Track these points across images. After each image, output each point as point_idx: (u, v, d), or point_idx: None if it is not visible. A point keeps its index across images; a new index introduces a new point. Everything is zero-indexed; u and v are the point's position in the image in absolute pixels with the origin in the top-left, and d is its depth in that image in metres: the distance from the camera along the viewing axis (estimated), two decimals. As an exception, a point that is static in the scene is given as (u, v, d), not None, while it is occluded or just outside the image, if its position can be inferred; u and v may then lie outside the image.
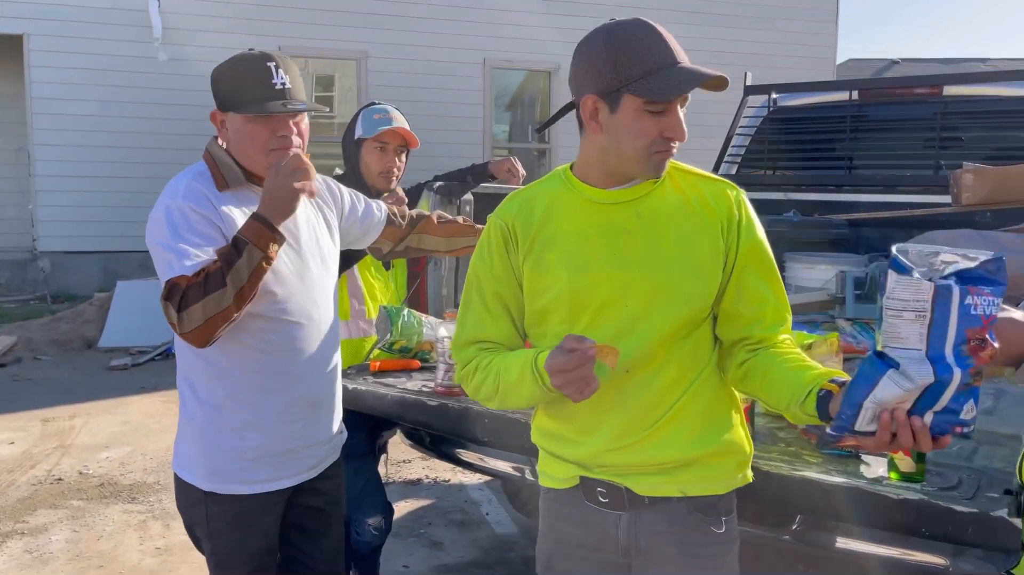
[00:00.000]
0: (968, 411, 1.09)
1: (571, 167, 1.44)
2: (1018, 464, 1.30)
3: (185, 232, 1.56)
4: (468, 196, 2.81)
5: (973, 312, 1.04)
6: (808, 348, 1.87)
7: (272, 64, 1.64)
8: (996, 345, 1.06)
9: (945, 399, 1.07)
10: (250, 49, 1.71)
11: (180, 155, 8.39)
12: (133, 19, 8.50)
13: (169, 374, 6.38)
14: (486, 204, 2.62)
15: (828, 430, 1.17)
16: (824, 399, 1.23)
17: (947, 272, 1.05)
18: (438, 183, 2.84)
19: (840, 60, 13.42)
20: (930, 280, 1.03)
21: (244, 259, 1.51)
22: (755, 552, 2.47)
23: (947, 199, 3.79)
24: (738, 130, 4.56)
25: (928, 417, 1.09)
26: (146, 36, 8.50)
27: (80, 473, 4.24)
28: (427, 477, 4.22)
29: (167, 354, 6.83)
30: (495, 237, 1.44)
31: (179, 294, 1.50)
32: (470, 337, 1.47)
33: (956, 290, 1.03)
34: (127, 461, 4.43)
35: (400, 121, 2.52)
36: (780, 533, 1.99)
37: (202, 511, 1.70)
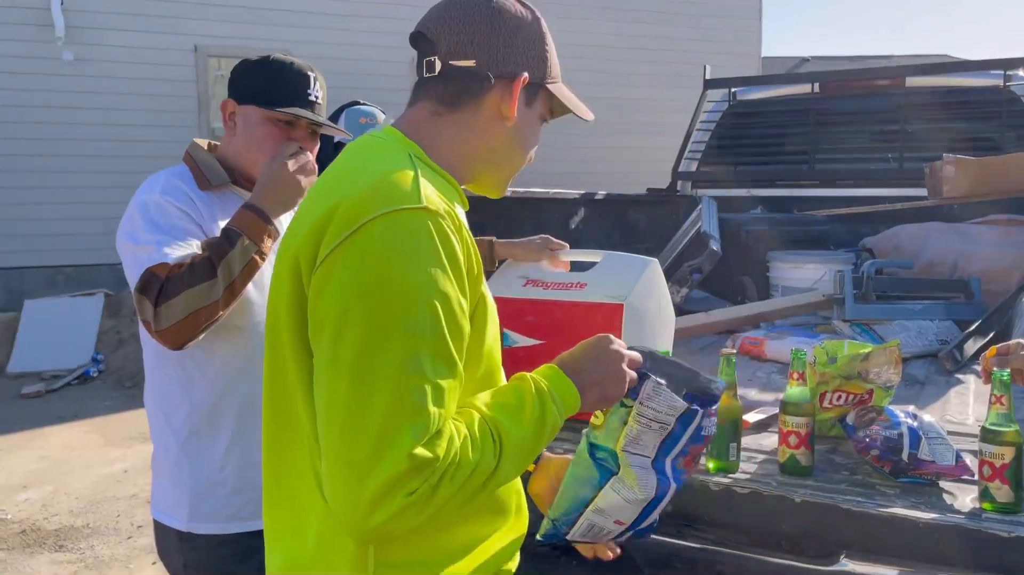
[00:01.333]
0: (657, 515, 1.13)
1: (419, 147, 1.02)
2: None
3: (164, 225, 1.44)
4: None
5: (701, 434, 1.10)
6: (865, 359, 1.69)
7: (312, 75, 1.58)
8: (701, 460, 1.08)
9: (656, 510, 1.11)
10: (274, 53, 1.63)
11: (90, 162, 7.88)
12: (33, 17, 7.84)
13: (89, 399, 5.93)
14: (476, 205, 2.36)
15: (537, 536, 1.12)
16: None
17: (685, 390, 1.08)
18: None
19: (761, 57, 13.61)
20: (681, 402, 1.07)
21: (237, 250, 1.37)
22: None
23: (915, 191, 3.75)
24: (698, 126, 4.43)
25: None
26: (47, 36, 7.86)
27: (-3, 519, 3.77)
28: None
29: (84, 377, 6.29)
30: (450, 240, 0.91)
31: (157, 284, 1.34)
32: (447, 412, 0.88)
33: (698, 417, 1.08)
34: (50, 503, 3.97)
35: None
36: (824, 566, 1.81)
37: (179, 559, 1.53)
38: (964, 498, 1.44)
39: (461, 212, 0.99)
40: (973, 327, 2.66)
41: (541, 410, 0.95)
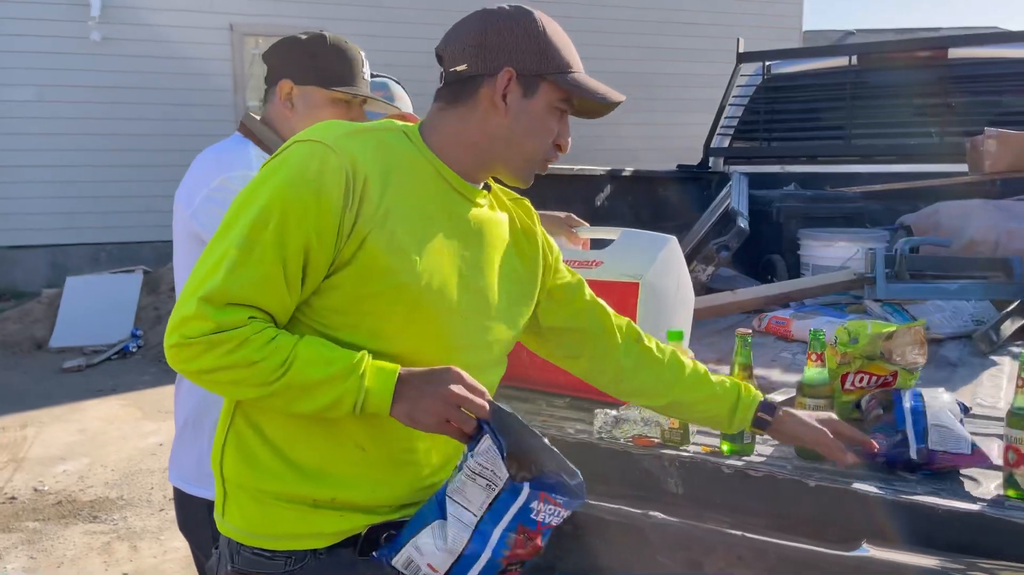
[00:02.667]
0: None
1: (419, 132, 1.18)
2: None
3: None
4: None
5: (532, 517, 1.07)
6: (889, 339, 1.63)
7: (362, 55, 1.67)
8: (540, 546, 1.08)
9: (472, 573, 1.07)
10: (323, 31, 1.68)
11: (126, 140, 8.00)
12: (71, -2, 7.94)
13: (127, 374, 6.05)
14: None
15: (373, 552, 1.14)
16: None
17: (539, 470, 1.06)
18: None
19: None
20: (508, 472, 1.04)
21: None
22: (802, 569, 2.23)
23: (955, 167, 3.62)
24: (731, 100, 4.32)
25: None
26: (83, 15, 7.96)
27: (35, 490, 3.88)
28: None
29: (124, 352, 6.43)
30: (332, 179, 1.05)
31: None
32: (244, 298, 1.03)
33: (525, 493, 1.05)
34: (86, 474, 4.08)
35: (404, 102, 2.22)
36: (846, 551, 1.77)
37: (208, 531, 1.47)
38: (988, 485, 1.38)
39: (429, 190, 1.13)
40: (1011, 307, 2.56)
41: (341, 380, 1.04)
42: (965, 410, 1.60)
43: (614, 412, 1.61)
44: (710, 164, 4.31)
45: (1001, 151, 3.06)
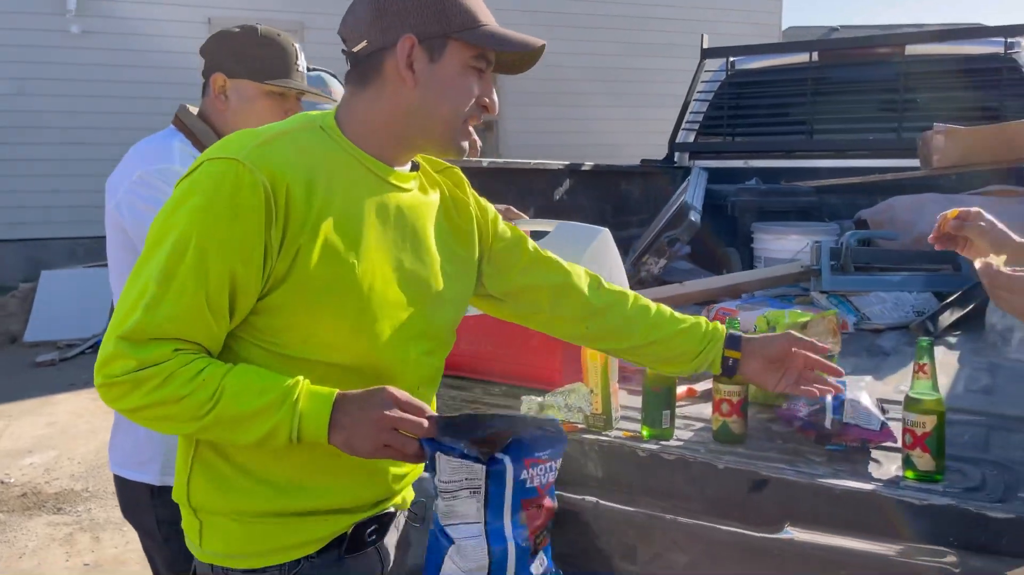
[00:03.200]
0: (539, 567, 1.09)
1: (335, 123, 1.12)
2: None
3: None
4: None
5: (529, 485, 1.04)
6: (803, 328, 1.68)
7: (298, 47, 1.68)
8: (551, 504, 1.08)
9: (511, 570, 1.06)
10: (256, 24, 1.68)
11: (103, 134, 7.97)
12: (48, -10, 7.91)
13: (99, 369, 6.05)
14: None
15: None
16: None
17: (509, 439, 1.03)
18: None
19: (782, 27, 13.36)
20: (479, 462, 1.01)
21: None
22: (752, 555, 2.29)
23: (913, 163, 3.68)
24: (695, 96, 4.37)
25: None
26: (59, 8, 7.93)
27: (1, 482, 3.89)
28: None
29: (98, 347, 6.43)
30: (248, 198, 0.99)
31: None
32: (167, 332, 1.00)
33: (509, 468, 1.02)
34: (52, 467, 4.09)
35: (338, 93, 2.25)
36: (771, 534, 1.82)
37: (150, 515, 1.55)
38: (889, 466, 1.44)
39: (355, 185, 1.08)
40: (951, 299, 2.62)
41: (274, 410, 0.99)
42: (883, 409, 1.66)
43: (539, 399, 1.65)
44: (675, 159, 4.36)
45: (949, 146, 3.12)
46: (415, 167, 1.19)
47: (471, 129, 1.13)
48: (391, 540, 1.21)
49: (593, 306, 1.33)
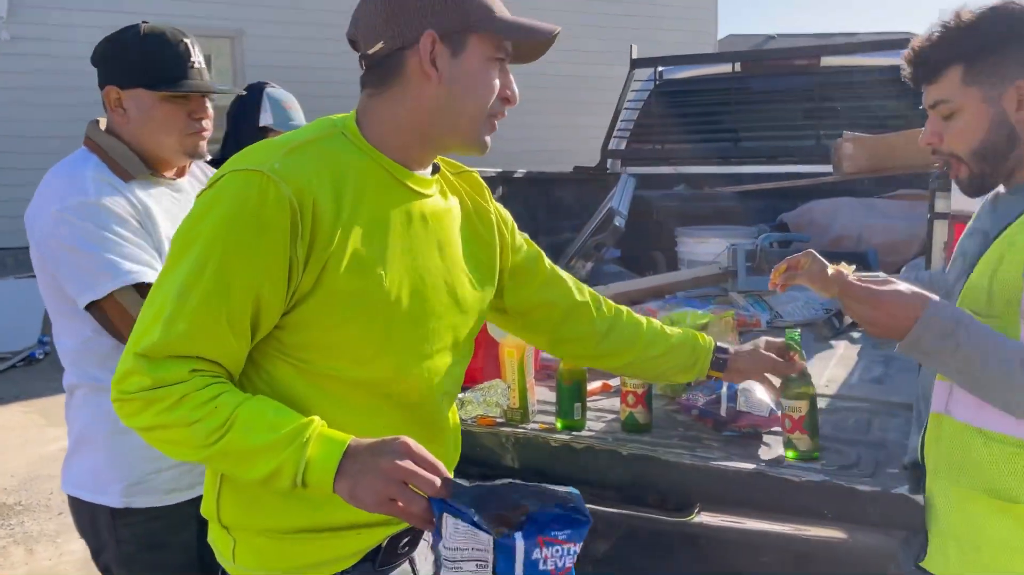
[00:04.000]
0: None
1: (356, 125, 1.08)
2: (920, 442, 1.26)
3: (121, 231, 1.42)
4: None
5: (541, 568, 0.90)
6: (704, 327, 1.80)
7: (188, 40, 1.53)
8: None
9: None
10: (143, 22, 1.54)
11: (35, 143, 7.80)
12: (-25, -5, 7.74)
13: (33, 381, 5.93)
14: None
15: None
16: None
17: (525, 513, 0.91)
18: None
19: (720, 36, 13.74)
20: (488, 534, 0.89)
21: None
22: (657, 539, 2.43)
23: (829, 168, 3.87)
24: (626, 104, 4.51)
25: None
26: (-9, 15, 7.76)
27: (-71, 498, 3.82)
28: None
29: (30, 359, 6.30)
30: (274, 212, 0.96)
31: None
32: (185, 350, 0.97)
33: (520, 545, 0.89)
34: (-14, 481, 4.03)
35: (293, 106, 2.32)
36: (683, 518, 1.94)
37: (111, 536, 1.52)
38: (777, 449, 1.56)
39: (379, 192, 1.04)
40: (856, 297, 2.79)
41: (281, 448, 0.93)
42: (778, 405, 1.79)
43: (460, 395, 1.74)
44: (608, 165, 4.49)
45: (857, 153, 3.31)
46: (435, 170, 1.14)
47: (491, 119, 1.10)
48: (422, 551, 1.17)
49: (597, 329, 1.32)
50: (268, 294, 0.97)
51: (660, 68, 4.48)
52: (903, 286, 1.16)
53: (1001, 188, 1.25)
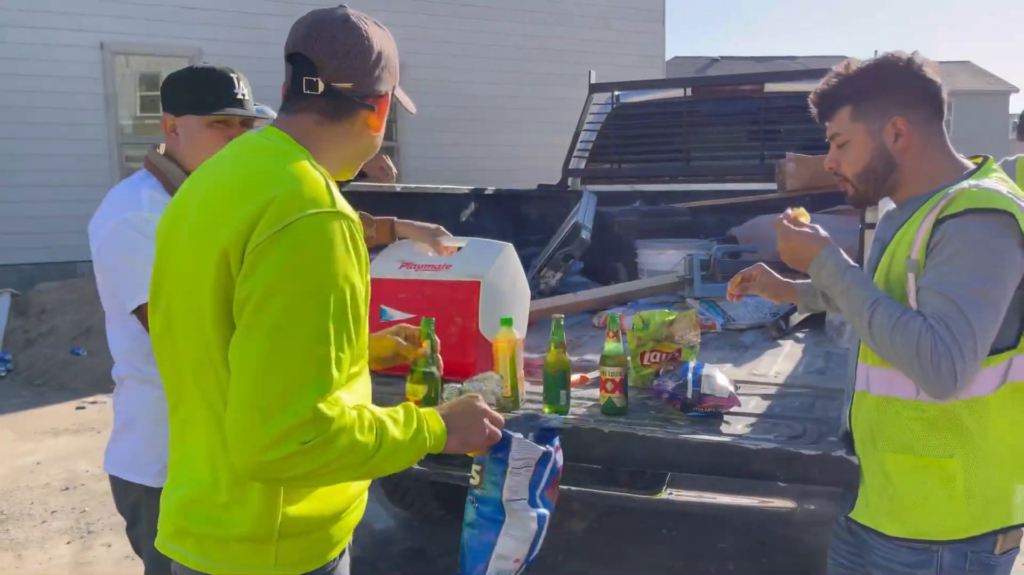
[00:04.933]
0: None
1: (309, 155, 1.18)
2: (848, 414, 1.53)
3: None
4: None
5: (556, 467, 1.41)
6: (670, 325, 2.06)
7: (234, 76, 1.79)
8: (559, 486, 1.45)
9: (540, 540, 1.38)
10: (194, 63, 1.77)
11: (-2, 160, 7.78)
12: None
13: (8, 397, 5.92)
14: (357, 203, 2.64)
15: None
16: None
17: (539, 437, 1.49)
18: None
19: (667, 57, 14.23)
20: (540, 448, 1.38)
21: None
22: (639, 514, 2.66)
23: (773, 186, 4.20)
24: (585, 126, 4.79)
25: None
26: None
27: (-94, 511, 3.86)
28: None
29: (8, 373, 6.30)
30: (356, 239, 1.12)
31: None
32: (337, 386, 1.08)
33: (553, 453, 1.41)
34: (-37, 493, 4.08)
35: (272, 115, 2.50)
36: (652, 494, 2.18)
37: (145, 512, 1.71)
38: (736, 425, 1.82)
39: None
40: (800, 301, 3.09)
41: (417, 428, 1.17)
42: (734, 386, 2.06)
43: (458, 386, 1.96)
44: (568, 184, 4.77)
45: (799, 171, 3.63)
46: None
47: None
48: None
49: None
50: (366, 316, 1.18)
51: (617, 92, 4.78)
52: (819, 232, 1.52)
53: (891, 204, 1.53)
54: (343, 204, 1.12)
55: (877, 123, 1.43)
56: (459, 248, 2.32)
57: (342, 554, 1.26)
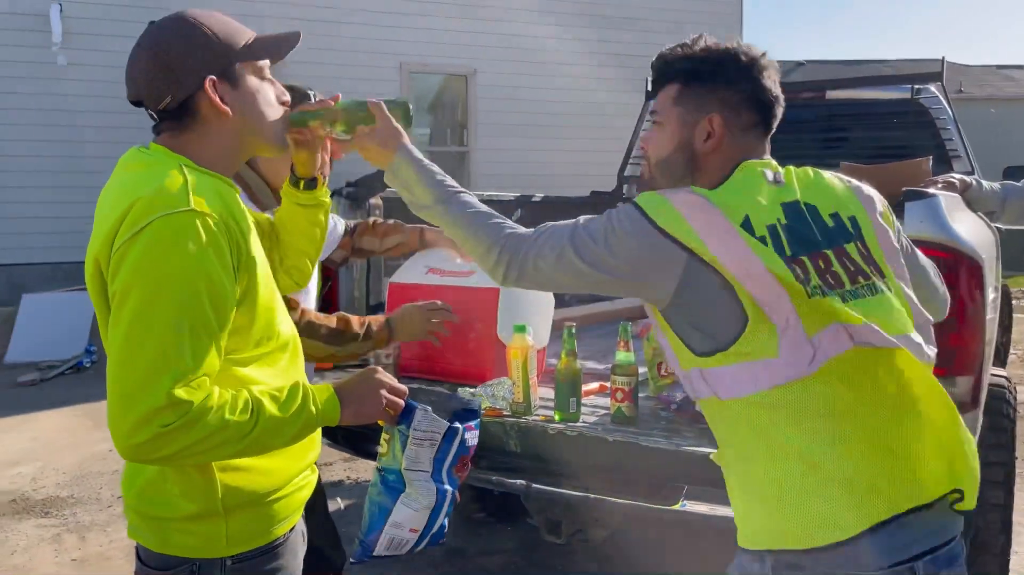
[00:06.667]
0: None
1: (187, 160, 1.21)
2: None
3: None
4: (376, 200, 2.90)
5: (467, 446, 1.41)
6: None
7: (312, 92, 1.81)
8: (469, 465, 1.44)
9: (442, 515, 1.39)
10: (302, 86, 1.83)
11: (84, 162, 8.24)
12: (32, 24, 8.24)
13: (81, 387, 6.30)
14: (392, 210, 2.72)
15: (350, 559, 1.45)
16: None
17: (449, 411, 1.42)
18: (347, 188, 2.93)
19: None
20: (446, 422, 1.37)
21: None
22: (659, 525, 2.65)
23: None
24: (642, 132, 4.76)
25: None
26: (45, 41, 8.25)
27: (-11, 490, 4.15)
28: (348, 478, 4.29)
29: (78, 367, 6.67)
30: (215, 234, 1.14)
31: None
32: (206, 370, 1.12)
33: (460, 432, 1.39)
34: (39, 476, 4.35)
35: None
36: (668, 506, 2.17)
37: None
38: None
39: (236, 201, 1.23)
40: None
41: (301, 404, 1.19)
42: None
43: (471, 390, 2.00)
44: (624, 191, 4.74)
45: (853, 181, 3.53)
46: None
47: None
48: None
49: None
50: (234, 305, 1.17)
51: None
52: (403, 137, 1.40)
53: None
54: (200, 201, 1.14)
55: (693, 115, 1.29)
56: None
57: (291, 531, 1.30)
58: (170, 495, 1.21)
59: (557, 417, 1.94)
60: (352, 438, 2.72)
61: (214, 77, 1.21)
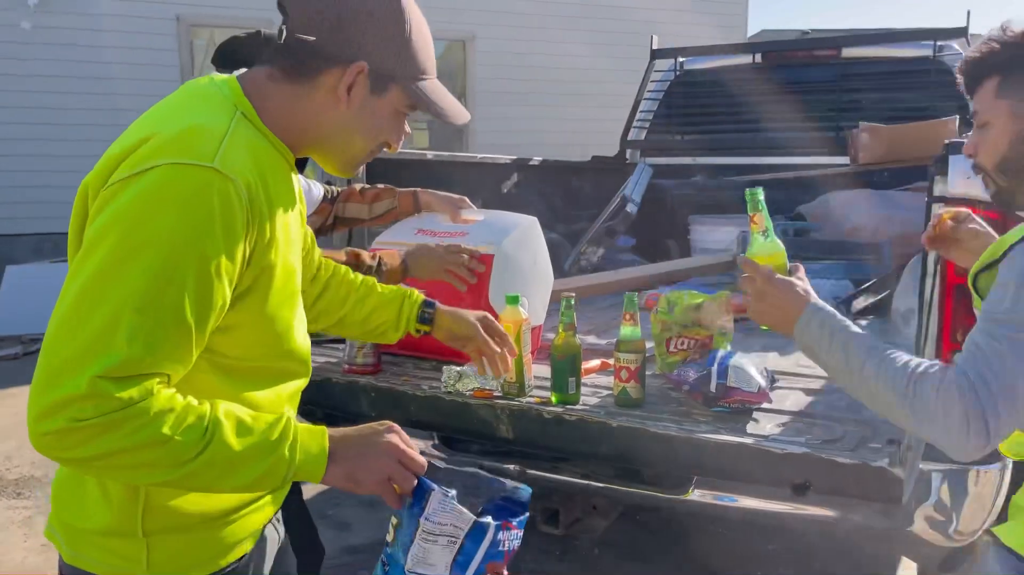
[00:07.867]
0: None
1: (251, 106, 1.02)
2: None
3: None
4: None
5: (500, 549, 1.00)
6: (698, 308, 1.83)
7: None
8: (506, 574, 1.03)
9: None
10: None
11: (72, 131, 8.01)
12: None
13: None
14: (385, 173, 2.49)
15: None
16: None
17: (485, 501, 1.03)
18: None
19: (752, 31, 13.62)
20: (471, 514, 0.99)
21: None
22: (661, 514, 2.45)
23: (846, 159, 3.86)
24: (645, 95, 4.53)
25: None
26: (20, 4, 7.95)
27: (-38, 469, 3.96)
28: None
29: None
30: (235, 214, 0.91)
31: None
32: (153, 367, 0.88)
33: (492, 527, 0.99)
34: (14, 455, 4.17)
35: None
36: (678, 494, 1.97)
37: None
38: (766, 425, 1.59)
39: (282, 178, 1.02)
40: (865, 286, 2.80)
41: (274, 443, 0.93)
42: (773, 379, 1.82)
43: (457, 369, 1.79)
44: (627, 156, 4.51)
45: (873, 143, 3.30)
46: None
47: (366, 156, 1.11)
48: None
49: (313, 291, 1.35)
50: (224, 297, 0.92)
51: (680, 59, 4.48)
52: (798, 285, 1.25)
53: None
54: (229, 161, 0.91)
55: None
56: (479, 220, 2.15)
57: (242, 559, 1.07)
58: (87, 500, 1.00)
59: (555, 399, 1.73)
60: (331, 419, 2.52)
61: (366, 67, 1.01)
